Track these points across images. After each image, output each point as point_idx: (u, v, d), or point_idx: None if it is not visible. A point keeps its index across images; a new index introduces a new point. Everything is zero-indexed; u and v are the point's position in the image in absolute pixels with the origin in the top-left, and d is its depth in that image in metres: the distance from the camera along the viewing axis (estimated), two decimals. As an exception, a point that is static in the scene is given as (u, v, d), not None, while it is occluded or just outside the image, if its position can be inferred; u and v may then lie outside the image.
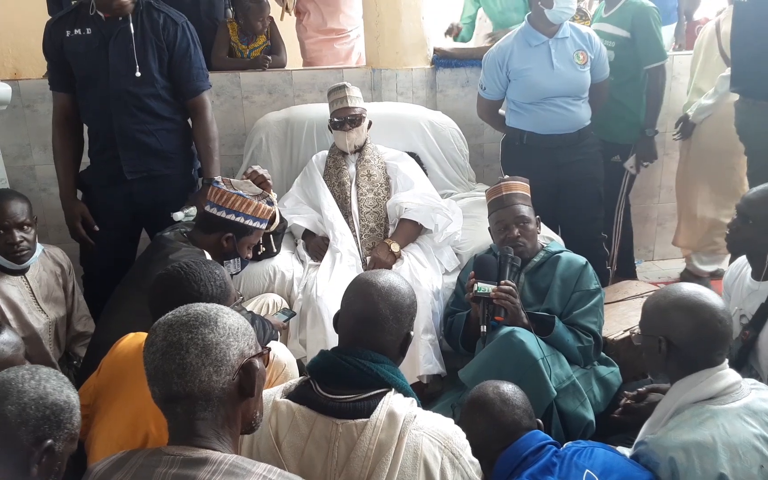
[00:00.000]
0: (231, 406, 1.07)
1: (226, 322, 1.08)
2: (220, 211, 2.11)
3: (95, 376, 1.63)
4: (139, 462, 1.03)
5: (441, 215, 2.71)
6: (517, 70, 2.82)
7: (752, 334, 1.91)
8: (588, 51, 2.80)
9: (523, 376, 1.83)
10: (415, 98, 3.40)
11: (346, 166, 2.81)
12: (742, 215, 1.96)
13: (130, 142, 2.41)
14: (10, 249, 2.07)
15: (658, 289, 1.63)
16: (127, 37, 2.34)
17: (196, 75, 2.51)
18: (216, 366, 1.04)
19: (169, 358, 1.03)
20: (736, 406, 1.38)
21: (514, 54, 2.82)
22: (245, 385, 1.08)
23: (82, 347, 2.37)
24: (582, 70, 2.79)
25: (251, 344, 1.11)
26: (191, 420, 1.04)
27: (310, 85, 3.34)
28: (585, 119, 2.87)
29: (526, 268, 2.27)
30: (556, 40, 2.78)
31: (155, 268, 1.80)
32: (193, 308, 1.09)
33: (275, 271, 2.57)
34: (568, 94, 2.80)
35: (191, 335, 1.04)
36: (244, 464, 1.01)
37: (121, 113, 2.39)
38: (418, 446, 1.22)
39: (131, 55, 2.34)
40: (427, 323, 2.43)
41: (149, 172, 2.48)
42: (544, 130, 2.84)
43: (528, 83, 2.82)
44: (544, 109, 2.82)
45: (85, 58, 2.36)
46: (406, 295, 1.40)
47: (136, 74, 2.34)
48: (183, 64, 2.46)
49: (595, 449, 1.44)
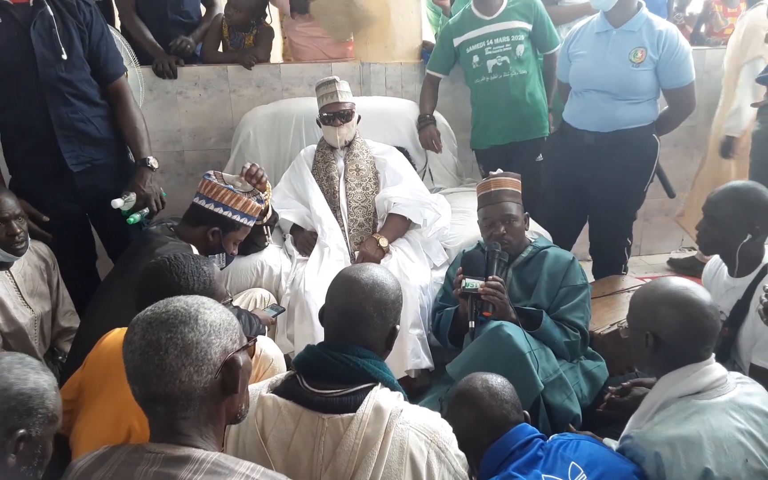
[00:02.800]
0: (213, 403, 1.05)
1: (206, 319, 1.04)
2: (209, 203, 2.10)
3: (80, 371, 1.61)
4: (120, 459, 1.01)
5: (429, 210, 2.71)
6: (574, 53, 2.75)
7: (731, 332, 1.92)
8: (651, 50, 2.56)
9: (510, 369, 1.83)
10: (404, 92, 3.39)
11: (335, 161, 2.80)
12: (707, 216, 1.97)
13: (69, 132, 2.31)
14: (11, 240, 2.06)
15: (645, 284, 1.63)
16: (48, 21, 2.21)
17: (114, 58, 2.43)
18: (197, 366, 1.01)
19: (148, 359, 1.00)
20: (722, 400, 1.39)
21: (578, 37, 2.76)
22: (228, 382, 1.05)
23: (67, 342, 2.35)
24: (635, 68, 2.57)
25: (235, 339, 1.08)
26: (172, 419, 1.02)
27: (298, 79, 3.32)
28: (625, 121, 2.64)
29: (514, 263, 2.28)
30: (622, 31, 2.61)
31: (141, 261, 1.78)
32: (173, 304, 1.05)
33: (263, 266, 2.56)
34: (611, 91, 2.62)
35: (170, 334, 1.00)
36: (226, 463, 0.99)
37: (56, 103, 2.26)
38: (405, 440, 1.22)
39: (56, 40, 2.22)
40: (415, 318, 2.43)
41: (92, 162, 2.39)
42: (577, 123, 2.76)
43: (576, 69, 2.74)
44: (582, 99, 2.73)
45: (5, 50, 2.19)
46: (391, 290, 1.39)
47: (62, 58, 2.22)
48: (101, 47, 2.36)
49: (581, 442, 1.45)
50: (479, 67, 3.05)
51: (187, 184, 3.28)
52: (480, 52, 3.03)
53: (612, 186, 2.72)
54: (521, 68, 3.01)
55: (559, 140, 2.89)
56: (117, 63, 2.45)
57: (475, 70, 3.07)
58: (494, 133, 3.11)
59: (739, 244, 1.90)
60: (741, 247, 1.90)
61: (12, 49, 2.19)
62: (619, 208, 2.81)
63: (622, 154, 2.68)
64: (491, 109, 3.08)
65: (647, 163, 2.73)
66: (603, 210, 2.83)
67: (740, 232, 1.89)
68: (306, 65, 3.37)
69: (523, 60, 3.02)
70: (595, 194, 2.80)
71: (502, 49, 3.00)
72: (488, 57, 3.02)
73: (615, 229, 2.87)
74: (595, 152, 2.70)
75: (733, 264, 1.95)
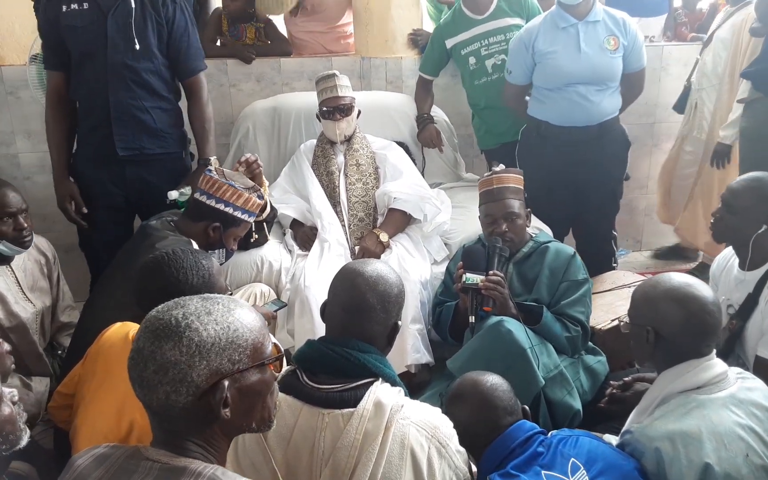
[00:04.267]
0: (200, 423, 0.98)
1: (193, 339, 0.94)
2: (210, 199, 2.09)
3: (80, 365, 1.61)
4: (118, 463, 0.99)
5: (430, 205, 2.70)
6: (542, 52, 2.69)
7: (739, 324, 1.92)
8: (621, 37, 2.64)
9: (511, 365, 1.83)
10: (404, 87, 3.38)
11: (335, 156, 2.79)
12: (726, 205, 1.97)
13: (125, 117, 2.38)
14: (19, 235, 2.11)
15: (646, 279, 1.63)
16: (127, 10, 2.31)
17: (194, 54, 2.50)
18: (174, 386, 0.93)
19: (134, 366, 0.97)
20: (723, 395, 1.39)
21: (540, 35, 2.70)
22: (213, 406, 0.96)
23: (66, 337, 2.35)
24: (612, 55, 2.63)
25: (238, 358, 0.98)
26: (164, 429, 0.99)
27: (298, 73, 3.31)
28: (608, 111, 2.70)
29: (515, 258, 2.27)
30: (587, 23, 2.64)
31: (141, 256, 1.78)
32: (171, 312, 0.98)
33: (263, 261, 2.55)
34: (593, 82, 2.65)
35: (153, 348, 0.95)
36: (224, 478, 0.95)
37: (117, 88, 2.35)
38: (405, 436, 1.22)
39: (130, 29, 2.31)
40: (416, 313, 2.43)
41: (141, 150, 2.44)
42: (562, 122, 2.72)
43: (552, 67, 2.68)
44: (564, 97, 2.68)
45: (83, 33, 2.32)
46: (394, 284, 1.39)
47: (135, 47, 2.31)
48: (182, 42, 2.44)
49: (581, 438, 1.44)
50: (478, 68, 3.03)
51: (187, 178, 3.27)
52: (476, 52, 3.01)
53: (599, 179, 2.77)
54: None
55: (539, 141, 2.80)
56: (195, 60, 2.51)
57: (473, 72, 3.05)
58: (503, 130, 3.08)
59: (754, 235, 1.90)
60: (755, 237, 1.90)
61: (90, 33, 2.32)
62: (610, 199, 2.85)
63: (606, 144, 2.74)
64: (496, 109, 3.06)
65: (624, 150, 2.83)
66: (593, 203, 2.84)
67: (756, 222, 1.89)
68: (306, 59, 3.36)
69: None
70: (583, 190, 2.81)
71: (499, 48, 2.99)
72: (485, 57, 3.00)
73: (604, 221, 2.90)
74: (581, 147, 2.71)
75: (745, 255, 1.95)
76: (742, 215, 1.92)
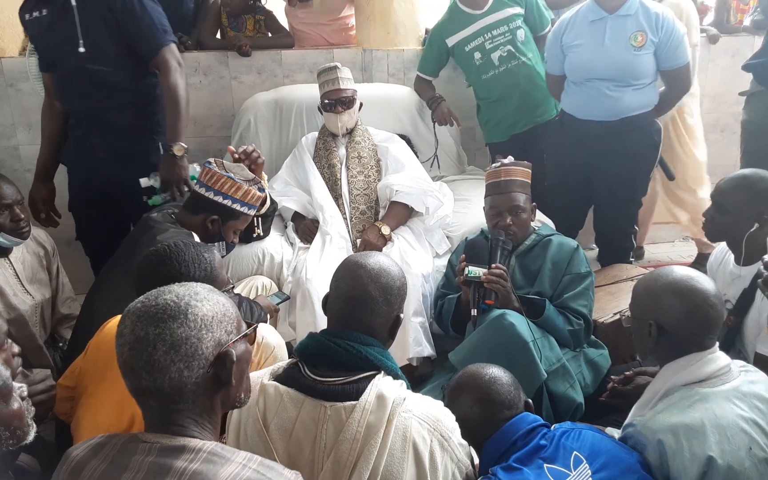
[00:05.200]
0: (207, 396, 1.03)
1: (197, 313, 1.00)
2: (209, 192, 2.08)
3: (82, 357, 1.61)
4: (116, 448, 1.01)
5: (432, 198, 2.69)
6: (568, 44, 2.68)
7: (736, 320, 1.91)
8: (650, 33, 2.53)
9: (513, 358, 1.83)
10: (406, 80, 3.36)
11: (336, 148, 2.78)
12: (716, 205, 1.96)
13: (94, 120, 2.35)
14: (17, 226, 2.11)
15: (648, 273, 1.62)
16: (69, 11, 2.21)
17: (149, 33, 2.30)
18: (187, 362, 0.98)
19: (137, 354, 0.98)
20: (726, 388, 1.38)
21: (570, 27, 2.68)
22: (222, 376, 1.03)
23: (67, 329, 2.35)
24: (637, 52, 2.54)
25: (230, 329, 1.05)
26: (165, 412, 1.01)
27: (299, 65, 3.30)
28: (632, 107, 2.62)
29: (517, 251, 2.26)
30: (617, 17, 2.57)
31: (142, 248, 1.77)
32: (163, 296, 1.02)
33: (264, 254, 2.55)
34: (614, 78, 2.58)
35: (159, 330, 0.97)
36: (223, 452, 0.98)
37: (80, 92, 2.31)
38: (408, 429, 1.21)
39: (75, 30, 2.21)
40: (417, 306, 2.42)
41: (114, 150, 2.40)
42: (580, 114, 2.71)
43: (575, 60, 2.67)
44: (584, 90, 2.67)
45: (42, 40, 2.29)
46: (396, 276, 1.39)
47: (79, 50, 2.21)
48: (132, 25, 2.27)
49: (583, 431, 1.44)
50: (484, 62, 3.01)
51: (188, 171, 3.26)
52: (480, 47, 3.00)
53: (619, 174, 2.71)
54: (527, 52, 3.00)
55: (561, 131, 2.85)
56: (151, 39, 2.29)
57: (479, 67, 3.04)
58: (513, 122, 3.08)
59: (746, 233, 1.89)
60: (748, 236, 1.89)
61: (49, 39, 2.29)
62: (627, 195, 2.80)
63: (629, 141, 2.66)
64: (505, 101, 3.05)
65: (653, 149, 2.72)
66: (610, 198, 2.81)
67: (748, 220, 1.88)
68: (307, 51, 3.35)
69: (526, 43, 3.00)
70: (601, 183, 2.78)
71: (503, 39, 2.97)
72: (491, 50, 2.99)
73: (622, 217, 2.86)
74: (601, 141, 2.68)
75: (739, 253, 1.94)
76: (732, 214, 1.91)
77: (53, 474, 1.05)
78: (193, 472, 0.94)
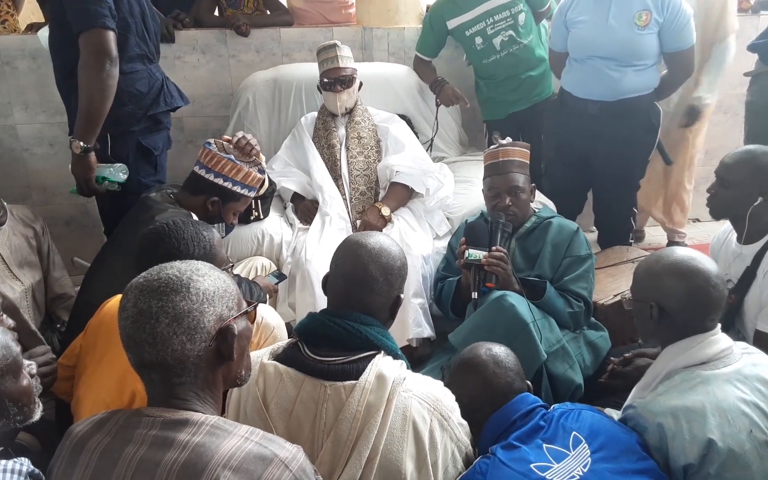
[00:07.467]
0: (209, 370, 1.05)
1: (199, 287, 1.02)
2: (209, 173, 2.07)
3: (81, 336, 1.61)
4: (119, 423, 1.01)
5: (432, 179, 2.68)
6: (572, 20, 2.65)
7: (737, 299, 1.92)
8: (655, 12, 2.49)
9: (513, 339, 1.83)
10: (407, 59, 3.33)
11: (336, 128, 2.76)
12: (720, 179, 1.96)
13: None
14: None
15: (649, 254, 1.61)
16: None
17: (73, 13, 2.01)
18: (189, 334, 1.00)
19: (140, 327, 0.99)
20: (727, 371, 1.38)
21: (575, 3, 2.65)
22: (223, 350, 1.05)
23: (63, 310, 2.32)
24: (640, 32, 2.50)
25: (231, 305, 1.07)
26: (168, 385, 1.02)
27: (299, 43, 3.26)
28: (632, 89, 2.58)
29: (518, 233, 2.25)
30: None
31: (140, 228, 1.76)
32: (165, 271, 1.03)
33: (264, 235, 2.54)
34: (615, 57, 2.55)
35: (161, 303, 0.99)
36: (225, 426, 0.99)
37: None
38: (407, 408, 1.21)
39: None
40: (417, 287, 2.42)
41: None
42: (579, 93, 2.68)
43: (577, 36, 2.64)
44: (585, 68, 2.64)
45: None
46: (397, 256, 1.38)
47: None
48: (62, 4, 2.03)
49: (583, 412, 1.44)
50: (486, 47, 2.99)
51: (186, 151, 3.23)
52: (482, 32, 2.97)
53: (617, 156, 2.69)
54: (527, 35, 2.97)
55: (560, 110, 2.82)
56: (74, 22, 2.00)
57: (481, 51, 3.01)
58: (512, 101, 3.07)
59: (750, 208, 1.88)
60: (751, 210, 1.88)
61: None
62: (625, 177, 2.78)
63: (628, 123, 2.63)
64: (505, 82, 3.04)
65: (652, 132, 2.70)
66: (608, 180, 2.80)
67: (751, 195, 1.88)
68: (306, 30, 3.31)
69: (526, 26, 2.97)
70: (599, 164, 2.77)
71: (505, 24, 2.94)
72: (493, 35, 2.96)
73: (620, 199, 2.84)
74: (600, 122, 2.65)
75: (742, 229, 1.94)
76: (737, 189, 1.91)
77: (56, 450, 1.06)
78: (195, 445, 0.94)
